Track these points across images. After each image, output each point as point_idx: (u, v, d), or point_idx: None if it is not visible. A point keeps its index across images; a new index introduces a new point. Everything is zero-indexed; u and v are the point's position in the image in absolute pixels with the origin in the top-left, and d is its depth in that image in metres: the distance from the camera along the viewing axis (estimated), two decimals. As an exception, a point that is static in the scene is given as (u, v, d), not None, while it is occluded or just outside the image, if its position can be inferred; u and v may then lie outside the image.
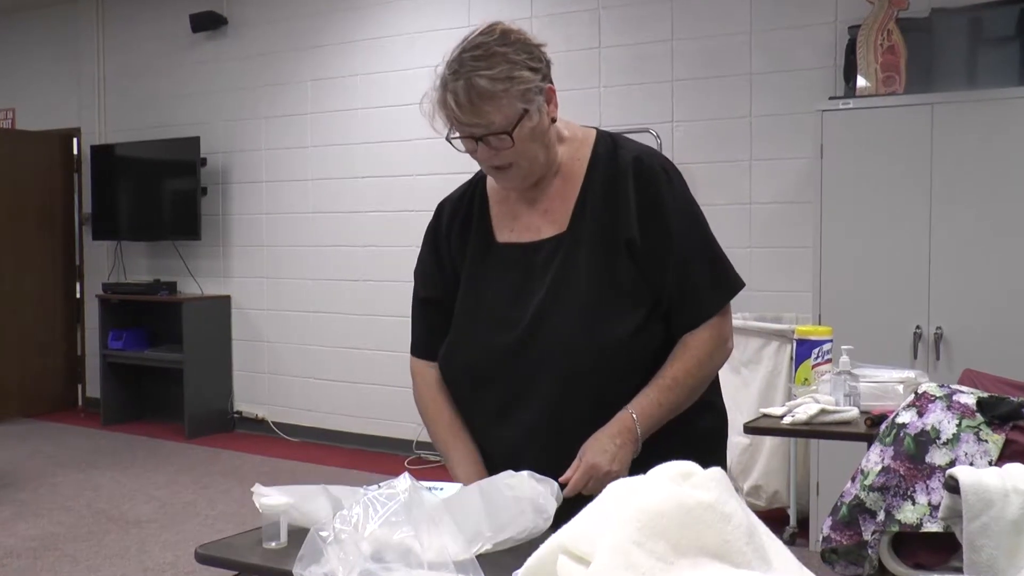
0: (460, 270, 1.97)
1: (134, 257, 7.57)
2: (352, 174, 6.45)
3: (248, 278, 7.01)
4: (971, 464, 2.05)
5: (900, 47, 4.12)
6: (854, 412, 2.80)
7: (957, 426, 2.12)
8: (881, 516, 2.12)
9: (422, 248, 2.05)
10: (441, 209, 2.04)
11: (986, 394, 2.19)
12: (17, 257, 7.58)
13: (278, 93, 6.76)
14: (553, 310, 1.84)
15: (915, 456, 2.12)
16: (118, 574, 4.12)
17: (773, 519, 4.15)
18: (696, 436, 1.90)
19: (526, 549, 1.40)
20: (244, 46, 6.92)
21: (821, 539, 2.26)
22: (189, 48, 7.17)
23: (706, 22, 5.14)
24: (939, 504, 1.98)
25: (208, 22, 6.95)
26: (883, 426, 2.26)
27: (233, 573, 1.64)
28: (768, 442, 4.40)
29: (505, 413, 1.88)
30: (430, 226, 2.04)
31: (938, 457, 2.10)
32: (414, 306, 2.06)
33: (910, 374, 2.94)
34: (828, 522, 2.24)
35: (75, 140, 7.94)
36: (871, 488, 2.14)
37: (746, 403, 4.28)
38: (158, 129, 7.26)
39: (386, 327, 6.23)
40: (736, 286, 1.91)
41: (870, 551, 2.14)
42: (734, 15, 5.05)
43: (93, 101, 7.76)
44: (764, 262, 4.95)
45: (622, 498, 1.11)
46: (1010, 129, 3.85)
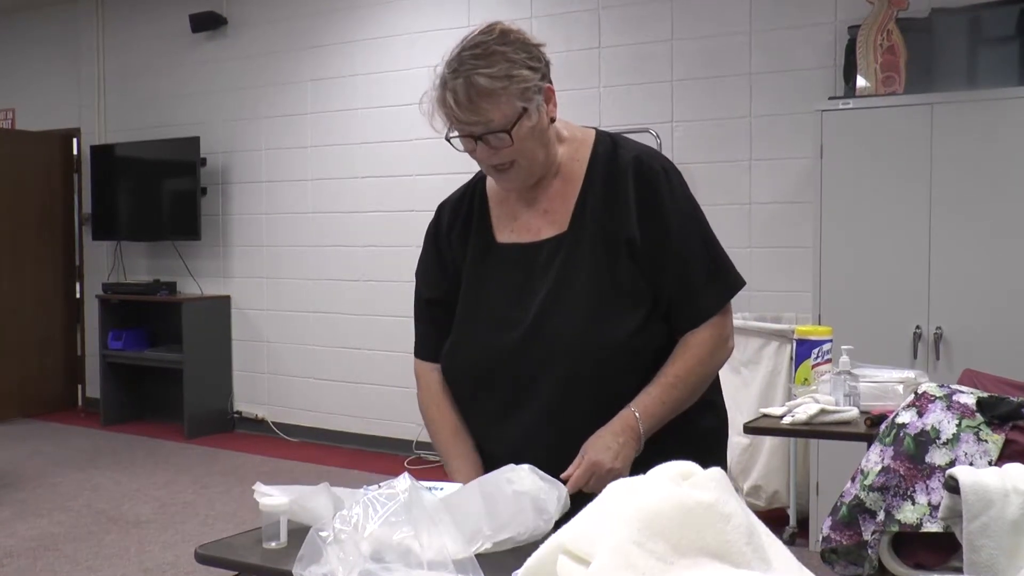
0: (462, 270, 1.97)
1: (134, 257, 7.57)
2: (352, 174, 6.44)
3: (248, 278, 7.01)
4: (971, 464, 2.05)
5: (900, 47, 4.12)
6: (854, 412, 2.80)
7: (957, 426, 2.12)
8: (881, 516, 2.12)
9: (423, 249, 2.05)
10: (441, 210, 2.05)
11: (986, 394, 2.19)
12: (17, 257, 7.58)
13: (278, 93, 6.76)
14: (554, 310, 1.84)
15: (915, 456, 2.12)
16: (118, 574, 4.12)
17: (773, 519, 4.15)
18: (697, 435, 1.90)
19: (526, 549, 1.40)
20: (244, 46, 6.91)
21: (821, 539, 2.26)
22: (189, 48, 7.17)
23: (706, 22, 5.14)
24: (939, 504, 1.98)
25: (208, 22, 6.95)
26: (883, 426, 2.26)
27: (233, 573, 1.63)
28: (768, 442, 4.40)
29: (506, 413, 1.88)
30: (430, 227, 2.05)
31: (938, 457, 2.10)
32: (417, 308, 2.06)
33: (910, 374, 2.94)
34: (828, 522, 2.24)
35: (75, 140, 7.94)
36: (871, 488, 2.14)
37: (746, 403, 4.28)
38: (158, 129, 7.26)
39: (386, 327, 6.23)
40: (737, 285, 1.92)
41: (870, 551, 2.14)
42: (734, 15, 5.05)
43: (93, 101, 7.76)
44: (764, 262, 4.95)
45: (622, 498, 1.11)
46: (1010, 129, 3.85)
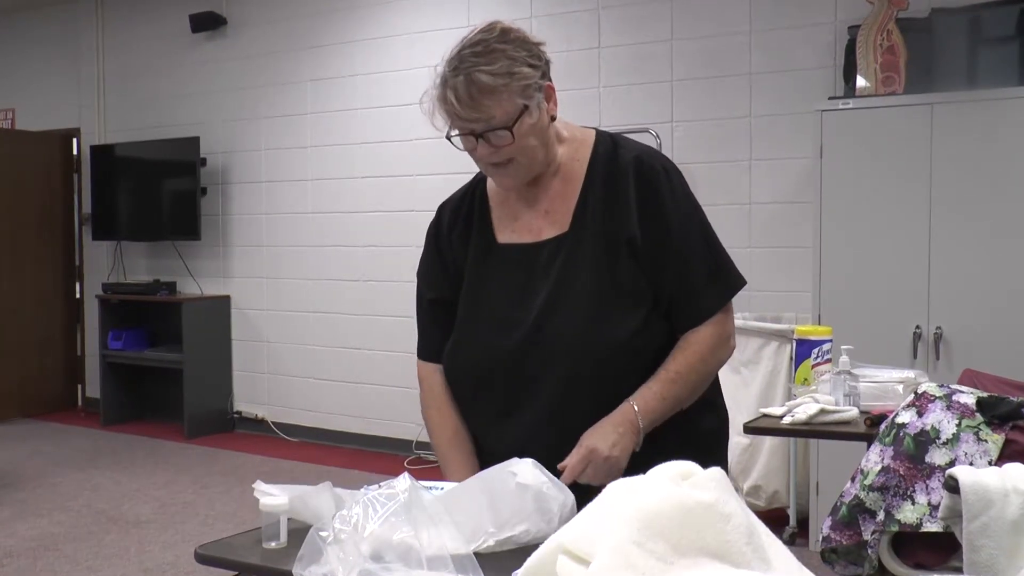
0: (463, 271, 1.97)
1: (134, 257, 7.57)
2: (352, 174, 6.44)
3: (248, 278, 7.01)
4: (971, 464, 2.04)
5: (900, 47, 4.12)
6: (854, 412, 2.80)
7: (957, 426, 2.12)
8: (881, 516, 2.12)
9: (424, 250, 2.05)
10: (442, 211, 2.05)
11: (986, 394, 2.18)
12: (17, 257, 7.58)
13: (278, 93, 6.76)
14: (555, 310, 1.84)
15: (915, 456, 2.11)
16: (118, 574, 4.12)
17: (773, 519, 4.15)
18: (697, 435, 1.90)
19: (526, 549, 1.40)
20: (244, 46, 6.91)
21: (821, 539, 2.26)
22: (189, 48, 7.17)
23: (706, 22, 5.14)
24: (939, 504, 1.98)
25: (208, 22, 6.95)
26: (883, 426, 2.25)
27: (233, 573, 1.63)
28: (768, 442, 4.40)
29: (508, 413, 1.88)
30: (431, 228, 2.05)
31: (938, 457, 2.09)
32: (420, 309, 2.06)
33: (910, 374, 2.94)
34: (828, 522, 2.24)
35: (75, 140, 7.94)
36: (871, 488, 2.14)
37: (746, 403, 4.28)
38: (158, 129, 7.26)
39: (386, 327, 6.22)
40: (738, 284, 1.92)
41: (870, 551, 2.14)
42: (734, 15, 5.05)
43: (93, 101, 7.76)
44: (764, 262, 4.95)
45: (622, 498, 1.11)
46: (1010, 129, 3.85)
